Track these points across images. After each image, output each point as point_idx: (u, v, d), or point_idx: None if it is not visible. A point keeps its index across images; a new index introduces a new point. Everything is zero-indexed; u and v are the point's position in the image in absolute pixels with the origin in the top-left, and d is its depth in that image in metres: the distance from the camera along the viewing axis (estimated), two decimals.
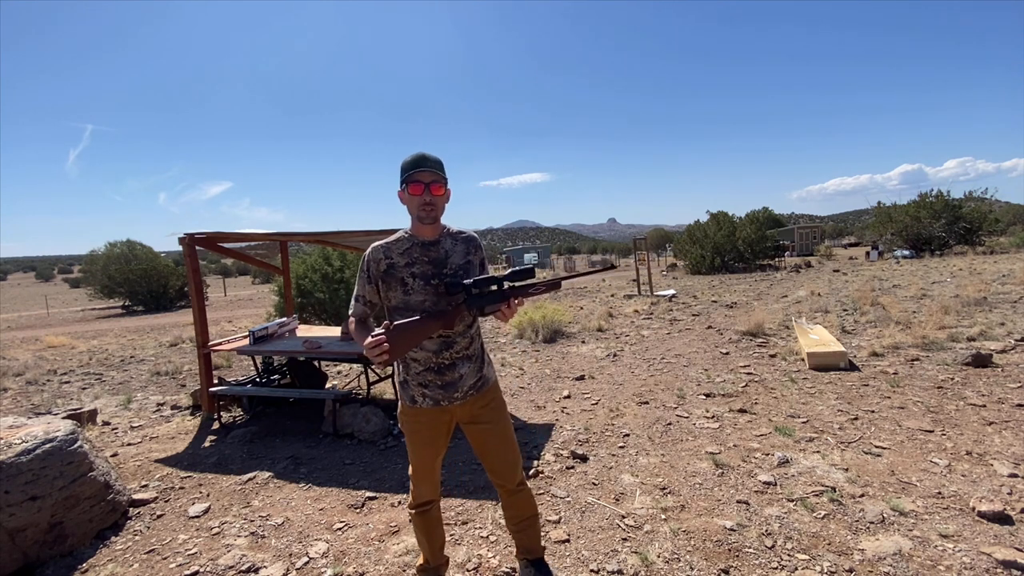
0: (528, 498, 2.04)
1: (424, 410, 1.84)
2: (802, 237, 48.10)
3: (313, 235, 5.26)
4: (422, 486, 1.95)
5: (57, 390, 6.38)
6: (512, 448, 1.97)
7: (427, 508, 1.98)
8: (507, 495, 2.00)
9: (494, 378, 1.98)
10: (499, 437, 1.93)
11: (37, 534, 2.50)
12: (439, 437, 1.89)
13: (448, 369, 1.80)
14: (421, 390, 1.82)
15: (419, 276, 1.76)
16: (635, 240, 18.27)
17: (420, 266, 1.76)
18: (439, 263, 1.78)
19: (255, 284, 40.50)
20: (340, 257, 10.22)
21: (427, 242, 1.79)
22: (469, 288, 1.70)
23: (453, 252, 1.81)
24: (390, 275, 1.77)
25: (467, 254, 1.84)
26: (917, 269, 15.83)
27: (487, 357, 1.96)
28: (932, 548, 2.28)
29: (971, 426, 3.58)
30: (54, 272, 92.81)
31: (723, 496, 2.84)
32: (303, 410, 4.98)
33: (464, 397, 1.85)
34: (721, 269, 22.80)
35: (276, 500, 3.13)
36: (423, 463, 1.92)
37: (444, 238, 1.82)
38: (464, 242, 1.85)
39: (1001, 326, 6.41)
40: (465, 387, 1.83)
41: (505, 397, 4.95)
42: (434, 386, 1.80)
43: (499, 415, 1.94)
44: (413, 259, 1.77)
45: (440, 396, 1.81)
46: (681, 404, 4.48)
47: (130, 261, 21.38)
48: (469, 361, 1.84)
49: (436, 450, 1.91)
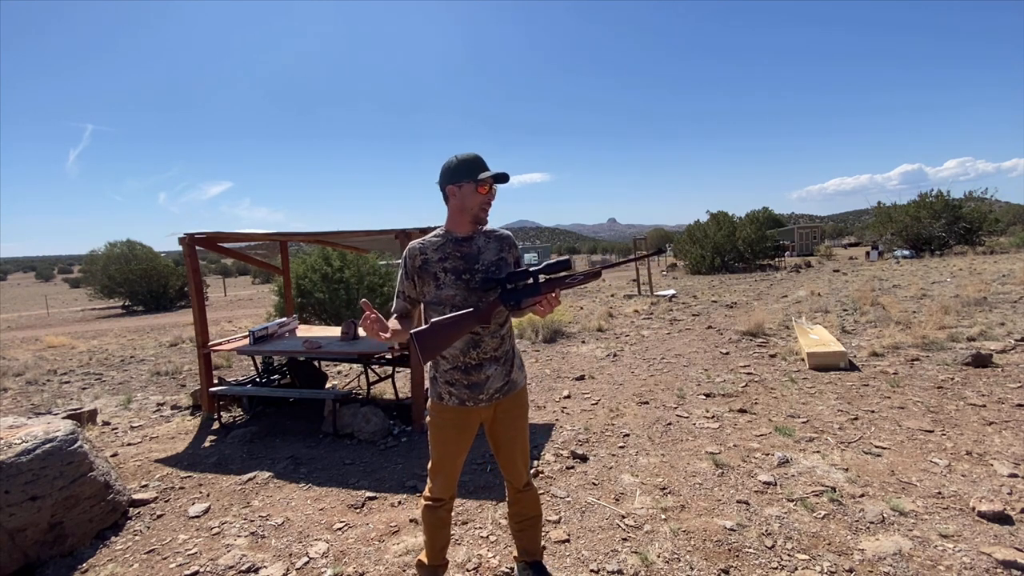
0: (534, 499, 2.06)
1: (450, 408, 1.84)
2: (802, 237, 48.10)
3: (313, 235, 5.26)
4: (438, 481, 1.94)
5: (57, 390, 6.38)
6: (525, 450, 1.99)
7: (438, 504, 1.98)
8: (513, 492, 2.04)
9: (523, 383, 1.96)
10: (515, 439, 1.94)
11: (37, 534, 2.50)
12: (462, 437, 1.89)
13: (475, 369, 1.79)
14: (448, 388, 1.82)
15: (450, 271, 1.76)
16: (635, 240, 18.28)
17: (452, 261, 1.77)
18: (471, 259, 1.78)
19: (255, 284, 40.50)
20: (340, 257, 10.22)
21: (461, 238, 1.80)
22: (504, 283, 1.70)
23: (486, 249, 1.81)
24: (424, 270, 1.78)
25: (500, 251, 1.83)
26: (917, 269, 15.83)
27: (519, 360, 1.94)
28: (932, 548, 2.28)
29: (971, 426, 3.58)
30: (54, 272, 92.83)
31: (723, 496, 2.84)
32: (303, 410, 4.98)
33: (489, 400, 1.83)
34: (721, 269, 22.81)
35: (276, 500, 3.13)
36: (443, 460, 1.92)
37: (478, 235, 1.83)
38: (498, 240, 1.85)
39: (1001, 326, 6.41)
40: (491, 390, 1.82)
41: None
42: (460, 385, 1.80)
43: (522, 420, 1.95)
44: (446, 254, 1.78)
45: (466, 396, 1.81)
46: (681, 404, 4.48)
47: (130, 261, 21.36)
48: (497, 363, 1.82)
49: (458, 449, 1.90)
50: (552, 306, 1.69)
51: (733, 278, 18.38)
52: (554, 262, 1.68)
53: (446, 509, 2.01)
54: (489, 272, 1.78)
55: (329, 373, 6.43)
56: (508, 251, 1.86)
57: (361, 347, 4.54)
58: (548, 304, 1.68)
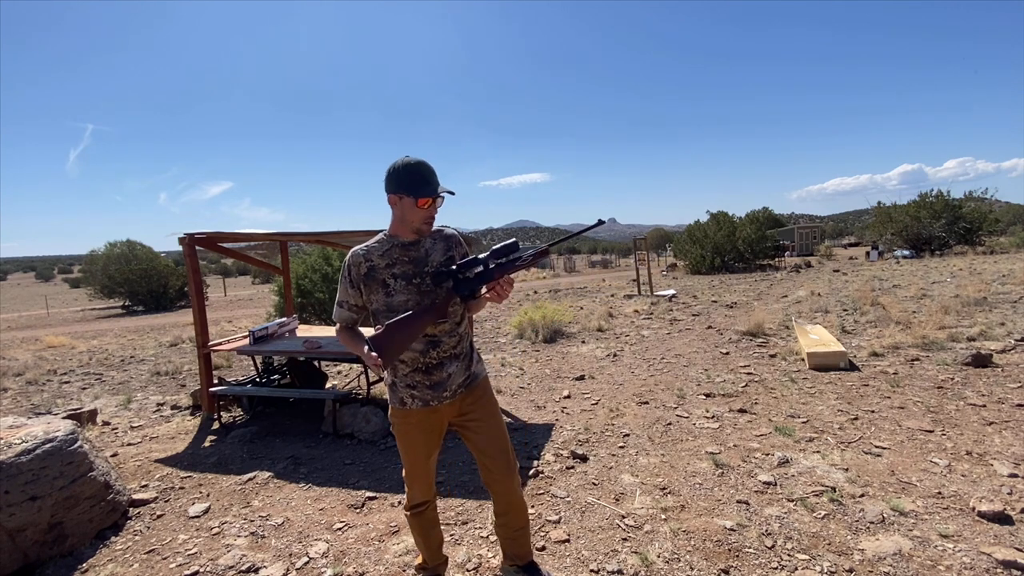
0: (521, 506, 1.99)
1: (414, 412, 1.82)
2: (802, 237, 48.12)
3: (313, 235, 5.26)
4: (415, 487, 1.94)
5: (57, 390, 6.38)
6: (504, 447, 1.92)
7: (422, 509, 1.97)
8: (503, 500, 1.96)
9: (484, 374, 1.96)
10: (490, 435, 1.90)
11: (37, 534, 2.50)
12: (430, 438, 1.88)
13: (436, 369, 1.78)
14: (410, 391, 1.80)
15: (400, 276, 1.74)
16: (635, 240, 18.28)
17: (401, 266, 1.74)
18: (420, 262, 1.76)
19: (255, 284, 40.48)
20: (340, 257, 10.23)
21: (407, 242, 1.77)
22: (455, 274, 1.69)
23: (433, 250, 1.80)
24: (371, 278, 1.75)
25: (447, 250, 1.82)
26: (917, 269, 15.82)
27: (476, 355, 1.94)
28: (932, 548, 2.28)
29: (971, 426, 3.58)
30: (54, 272, 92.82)
31: (723, 496, 2.84)
32: (303, 410, 4.98)
33: (453, 396, 1.83)
34: (721, 269, 22.80)
35: (276, 500, 3.13)
36: (415, 464, 1.90)
37: (423, 237, 1.79)
38: (444, 239, 1.84)
39: (1001, 326, 6.40)
40: (454, 386, 1.82)
41: (505, 397, 5.00)
42: (422, 387, 1.78)
43: (489, 412, 1.92)
44: (394, 260, 1.75)
45: (429, 396, 1.80)
46: (681, 404, 4.48)
47: (130, 261, 21.35)
48: (457, 360, 1.82)
49: (428, 451, 1.89)
50: (507, 291, 1.68)
51: (733, 278, 18.38)
52: (501, 245, 1.66)
53: (431, 509, 2.00)
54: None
55: (329, 373, 6.43)
56: (455, 248, 1.84)
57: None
58: (502, 289, 1.66)
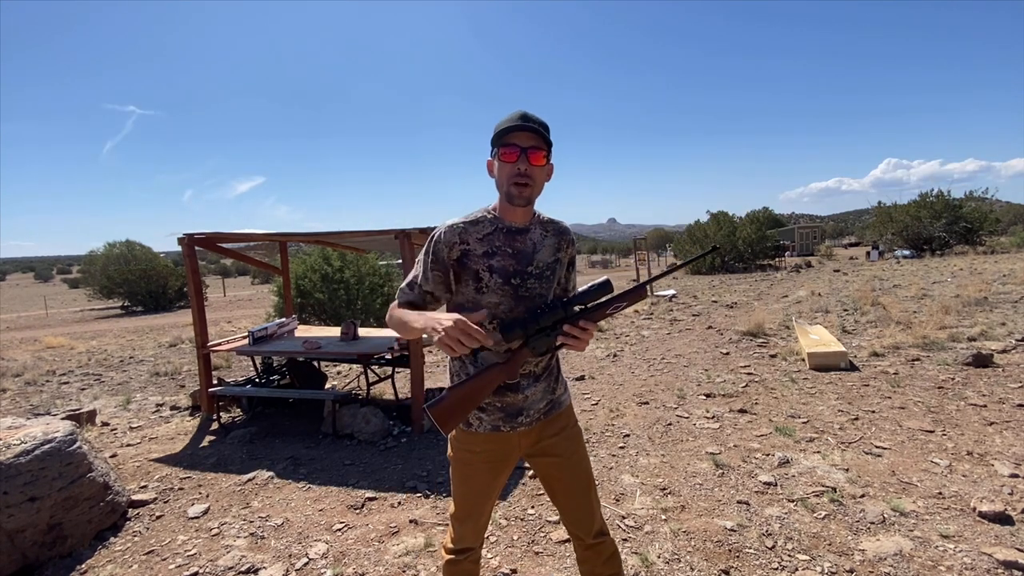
0: (611, 554, 1.57)
1: (481, 435, 1.46)
2: (802, 237, 48.12)
3: (312, 235, 5.25)
4: (465, 527, 1.54)
5: (56, 391, 6.37)
6: (589, 488, 1.56)
7: (464, 556, 1.55)
8: (583, 548, 1.56)
9: (569, 402, 1.60)
10: (573, 474, 1.54)
11: (36, 535, 2.49)
12: (497, 470, 1.51)
13: (511, 390, 1.43)
14: (478, 413, 1.45)
15: (498, 271, 1.38)
16: (635, 240, 18.28)
17: (501, 258, 1.38)
18: (525, 258, 1.41)
19: (254, 284, 40.49)
20: (340, 257, 10.22)
21: (515, 229, 1.42)
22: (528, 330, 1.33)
23: (542, 246, 1.45)
24: (463, 265, 1.39)
25: (557, 250, 1.48)
26: (917, 269, 15.83)
27: (562, 378, 1.59)
28: (933, 548, 2.27)
29: (972, 426, 3.58)
30: (53, 272, 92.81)
31: (723, 496, 2.83)
32: (303, 410, 4.97)
33: (531, 424, 1.48)
34: (721, 269, 22.82)
35: (276, 501, 3.12)
36: (471, 499, 1.52)
37: (535, 226, 1.45)
38: (556, 234, 1.49)
39: (1002, 326, 6.40)
40: (532, 411, 1.47)
41: None
42: (493, 409, 1.44)
43: (573, 447, 1.55)
44: (495, 248, 1.39)
45: (500, 422, 1.45)
46: (681, 404, 4.47)
47: (129, 262, 21.37)
48: (538, 381, 1.47)
49: (490, 488, 1.52)
50: (587, 340, 1.33)
51: (733, 278, 18.38)
52: (591, 288, 1.34)
53: (472, 560, 1.57)
54: (543, 275, 1.44)
55: (329, 373, 6.43)
56: (565, 250, 1.51)
57: (361, 347, 4.54)
58: (582, 338, 1.31)
